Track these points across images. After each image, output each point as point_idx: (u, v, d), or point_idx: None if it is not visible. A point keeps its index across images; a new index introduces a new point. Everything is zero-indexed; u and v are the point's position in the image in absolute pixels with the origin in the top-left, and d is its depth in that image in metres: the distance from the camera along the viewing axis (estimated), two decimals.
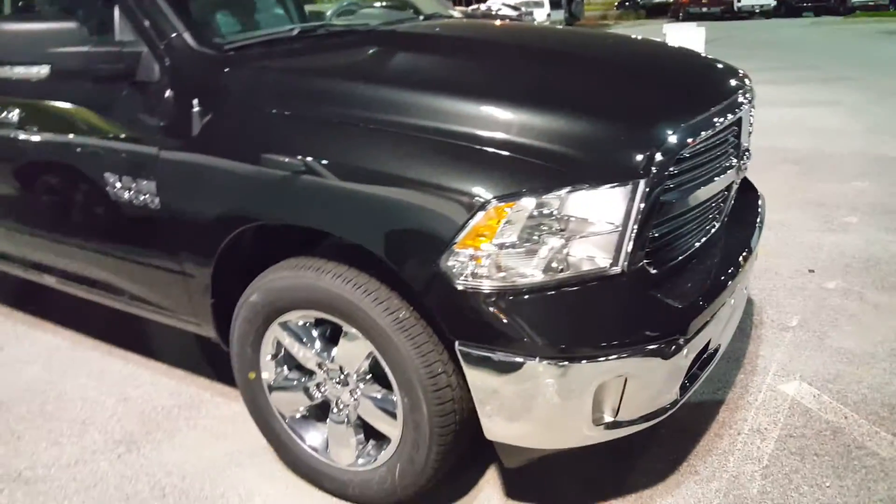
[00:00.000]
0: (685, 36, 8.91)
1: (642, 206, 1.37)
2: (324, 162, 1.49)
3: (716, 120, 1.66)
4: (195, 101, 1.71)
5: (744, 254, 1.82)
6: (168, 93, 1.77)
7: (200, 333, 1.99)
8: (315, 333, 1.71)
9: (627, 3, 34.96)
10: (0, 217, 2.39)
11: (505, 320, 1.36)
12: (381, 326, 1.50)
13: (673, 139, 1.48)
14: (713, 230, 1.79)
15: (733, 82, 1.94)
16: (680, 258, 1.61)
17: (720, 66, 2.10)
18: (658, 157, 1.41)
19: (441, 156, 1.41)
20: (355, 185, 1.45)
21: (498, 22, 3.13)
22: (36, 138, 2.06)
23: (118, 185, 1.85)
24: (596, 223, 1.36)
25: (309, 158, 1.50)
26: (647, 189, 1.37)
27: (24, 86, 1.92)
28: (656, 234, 1.47)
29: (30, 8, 2.30)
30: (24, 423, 2.20)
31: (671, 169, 1.45)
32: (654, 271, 1.48)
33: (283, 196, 1.56)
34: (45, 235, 2.27)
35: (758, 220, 2.08)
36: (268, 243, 1.75)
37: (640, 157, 1.40)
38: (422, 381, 1.49)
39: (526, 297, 1.37)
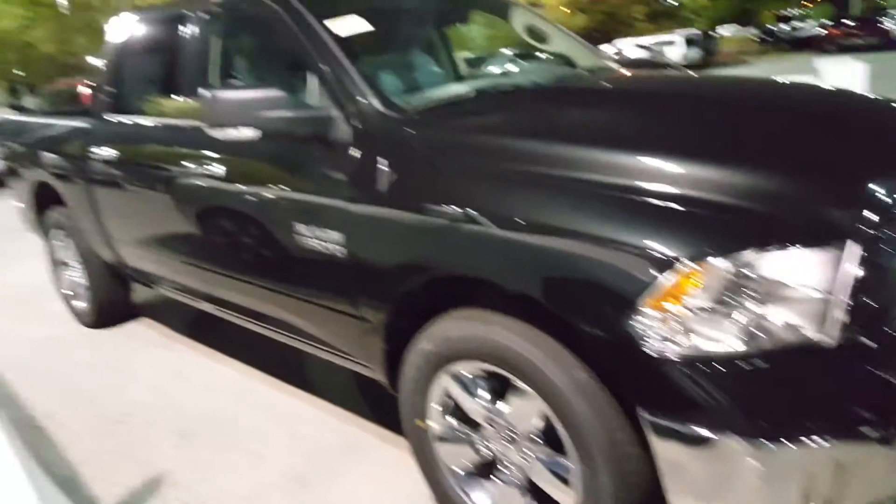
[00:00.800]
0: (844, 72, 8.19)
1: (852, 269, 1.27)
2: (504, 216, 1.53)
3: None
4: (380, 160, 1.86)
5: None
6: (357, 152, 1.92)
7: (370, 376, 2.10)
8: (485, 386, 1.73)
9: (769, 38, 33.24)
10: (195, 256, 2.69)
11: (695, 390, 1.30)
12: (556, 385, 1.49)
13: (883, 194, 1.37)
14: None
15: None
16: None
17: None
18: (868, 214, 1.31)
19: (627, 211, 1.40)
20: (535, 240, 1.48)
21: (662, 72, 3.10)
22: (239, 189, 2.31)
23: (307, 233, 2.02)
24: (797, 287, 1.27)
25: (489, 213, 1.56)
26: (857, 250, 1.27)
27: (233, 145, 2.18)
28: (872, 301, 1.35)
29: (237, 77, 2.61)
30: (206, 451, 2.42)
31: (884, 228, 1.33)
32: (872, 343, 1.36)
33: (459, 248, 1.63)
34: (234, 275, 2.52)
35: None
36: (443, 293, 1.81)
37: (846, 216, 1.31)
38: (601, 449, 1.46)
39: (719, 365, 1.30)
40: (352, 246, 1.91)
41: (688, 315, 1.29)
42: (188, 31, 2.64)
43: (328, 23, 2.21)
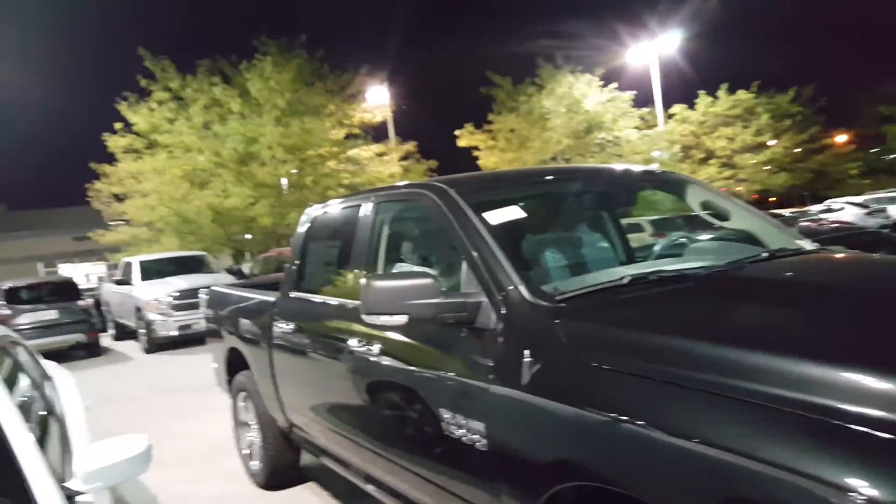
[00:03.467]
0: None
1: None
2: (651, 426, 1.45)
3: None
4: (525, 350, 1.89)
5: None
6: (501, 339, 2.00)
7: None
8: None
9: None
10: (349, 429, 2.86)
11: None
12: None
13: None
14: None
15: None
16: None
17: None
18: None
19: (810, 435, 1.24)
20: (691, 457, 1.35)
21: (868, 256, 2.68)
22: (389, 369, 2.49)
23: (451, 420, 2.09)
24: None
25: (635, 420, 1.48)
26: None
27: (386, 328, 2.40)
28: None
29: (401, 260, 2.93)
30: None
31: None
32: None
33: (607, 458, 1.55)
34: (381, 453, 2.63)
35: None
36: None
37: None
38: None
39: None
40: (493, 438, 1.92)
41: None
42: (360, 218, 3.06)
43: (483, 212, 2.41)
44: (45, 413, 2.29)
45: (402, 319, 2.19)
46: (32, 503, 1.48)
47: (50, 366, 3.49)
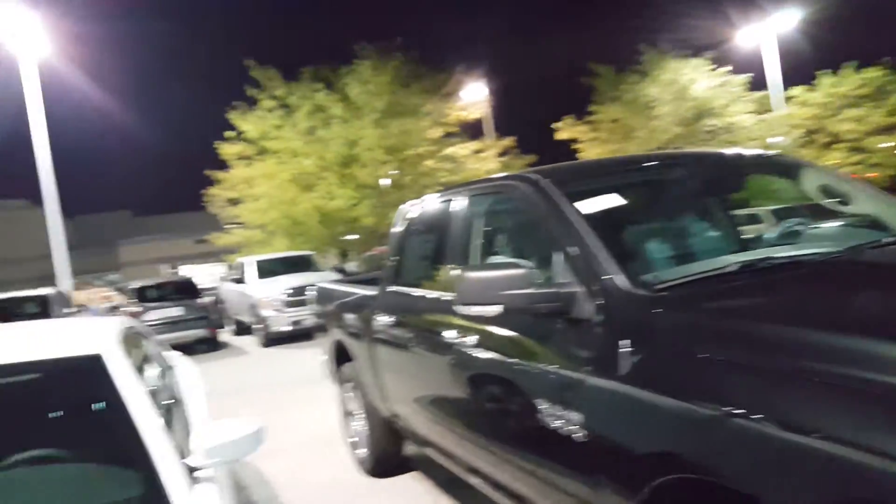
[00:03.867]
0: None
1: None
2: (765, 418, 1.39)
3: None
4: (623, 340, 1.87)
5: None
6: (598, 329, 1.98)
7: None
8: None
9: None
10: (448, 419, 2.93)
11: None
12: None
13: None
14: None
15: None
16: None
17: None
18: None
19: None
20: (811, 453, 1.29)
21: None
22: (485, 360, 2.53)
23: (548, 411, 2.09)
24: None
25: (749, 414, 1.42)
26: None
27: (481, 319, 2.43)
28: None
29: (495, 252, 2.96)
30: None
31: None
32: None
33: (715, 452, 1.51)
34: (480, 443, 2.67)
35: None
36: (698, 498, 1.66)
37: None
38: None
39: None
40: (591, 429, 1.91)
41: None
42: (454, 212, 3.12)
43: (577, 200, 2.40)
44: (169, 398, 2.52)
45: (495, 310, 2.22)
46: (156, 476, 1.64)
47: (175, 356, 3.82)
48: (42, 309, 10.48)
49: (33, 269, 32.68)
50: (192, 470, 1.78)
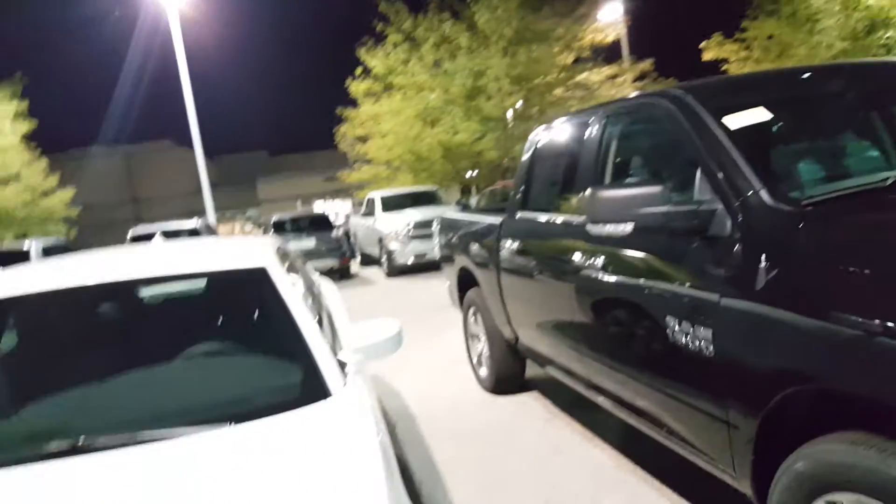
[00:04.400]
0: None
1: None
2: None
3: None
4: (763, 256, 1.87)
5: None
6: (736, 247, 1.98)
7: (735, 486, 2.03)
8: None
9: None
10: (574, 340, 3.05)
11: None
12: None
13: None
14: None
15: None
16: None
17: None
18: None
19: None
20: None
21: None
22: (613, 280, 2.59)
23: (677, 328, 2.15)
24: None
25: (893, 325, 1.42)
26: None
27: (611, 239, 2.48)
28: None
29: (630, 174, 2.96)
30: None
31: None
32: None
33: (852, 362, 1.52)
34: (607, 362, 2.77)
35: None
36: (825, 408, 1.70)
37: None
38: None
39: None
40: (721, 345, 1.95)
41: None
42: (588, 133, 3.12)
43: (722, 116, 2.34)
44: (318, 305, 2.82)
45: (627, 228, 2.26)
46: (316, 368, 1.90)
47: (316, 274, 4.20)
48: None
49: (177, 207, 36.00)
50: (342, 365, 2.03)
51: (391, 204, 13.26)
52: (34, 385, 2.06)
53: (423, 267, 11.50)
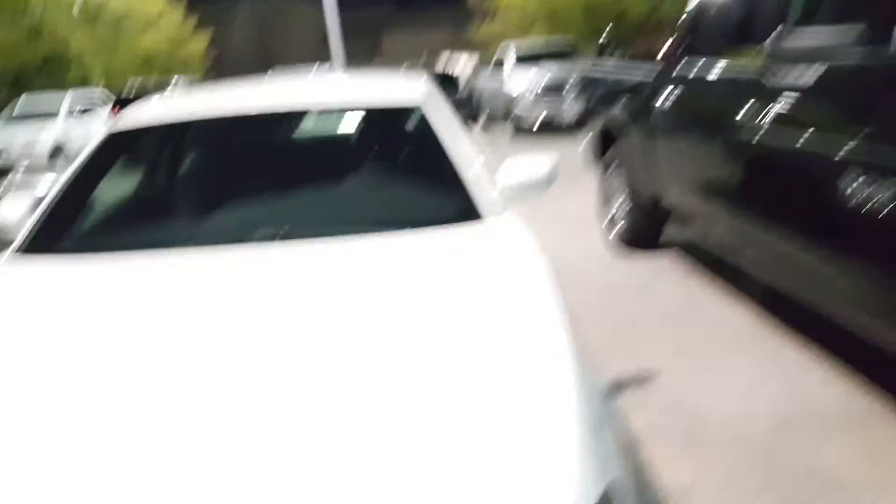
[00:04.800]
0: None
1: None
2: None
3: None
4: None
5: None
6: None
7: None
8: None
9: None
10: (724, 196, 2.99)
11: None
12: None
13: None
14: None
15: None
16: None
17: None
18: None
19: None
20: None
21: None
22: (790, 133, 2.45)
23: (860, 187, 2.02)
24: None
25: None
26: None
27: (794, 87, 2.31)
28: None
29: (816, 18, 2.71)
30: (699, 371, 2.78)
31: None
32: None
33: None
34: (768, 221, 2.72)
35: None
36: None
37: None
38: None
39: None
40: None
41: None
42: None
43: None
44: (467, 140, 2.92)
45: (812, 76, 2.11)
46: (472, 199, 2.01)
47: None
48: None
49: (303, 58, 36.64)
50: (499, 195, 2.14)
51: (525, 56, 12.79)
52: (224, 192, 2.33)
53: (554, 126, 11.29)
